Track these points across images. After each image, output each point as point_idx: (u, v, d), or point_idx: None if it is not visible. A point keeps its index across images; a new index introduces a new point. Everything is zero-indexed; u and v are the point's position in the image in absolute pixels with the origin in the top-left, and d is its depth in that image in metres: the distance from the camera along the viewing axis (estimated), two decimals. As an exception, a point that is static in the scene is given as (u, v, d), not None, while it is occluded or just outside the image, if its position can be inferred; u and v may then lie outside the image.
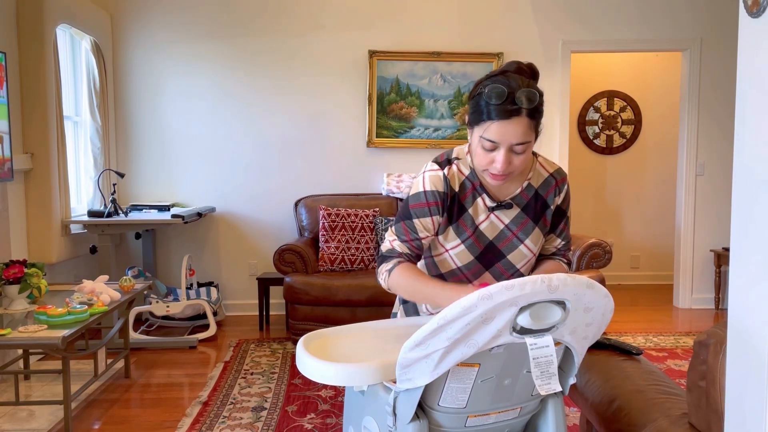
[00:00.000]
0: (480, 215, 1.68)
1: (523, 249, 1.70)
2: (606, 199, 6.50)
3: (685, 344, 4.36)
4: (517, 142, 1.54)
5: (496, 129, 1.53)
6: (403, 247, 1.68)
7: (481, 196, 1.68)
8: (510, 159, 1.56)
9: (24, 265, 3.18)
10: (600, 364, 2.01)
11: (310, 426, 3.03)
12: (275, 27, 5.14)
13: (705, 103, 5.32)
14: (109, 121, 4.94)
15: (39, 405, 3.26)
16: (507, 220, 1.69)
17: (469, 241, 1.68)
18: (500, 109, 1.51)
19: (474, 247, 1.68)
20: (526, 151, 1.57)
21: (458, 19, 5.21)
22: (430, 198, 1.66)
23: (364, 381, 1.41)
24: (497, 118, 1.52)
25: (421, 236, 1.68)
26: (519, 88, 1.52)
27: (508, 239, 1.69)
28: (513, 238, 1.69)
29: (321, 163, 5.22)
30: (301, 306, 4.28)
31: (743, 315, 1.28)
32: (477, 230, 1.68)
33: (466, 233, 1.68)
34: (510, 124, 1.52)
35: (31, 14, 4.02)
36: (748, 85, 1.26)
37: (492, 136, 1.54)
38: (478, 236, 1.68)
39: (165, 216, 4.46)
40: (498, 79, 1.56)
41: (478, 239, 1.68)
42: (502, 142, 1.54)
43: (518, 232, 1.69)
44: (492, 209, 1.68)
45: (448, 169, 1.68)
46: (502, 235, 1.69)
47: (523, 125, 1.52)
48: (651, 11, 5.28)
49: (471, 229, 1.68)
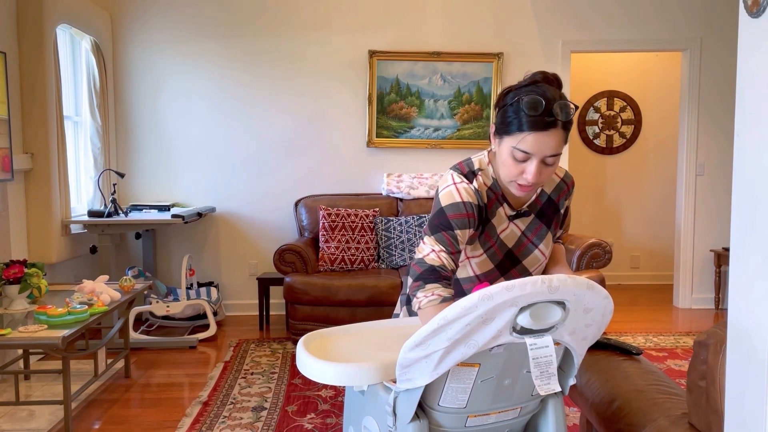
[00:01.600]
0: (501, 224, 1.69)
1: (537, 253, 1.73)
2: (606, 199, 6.50)
3: (685, 344, 4.36)
4: (551, 153, 1.53)
5: (532, 140, 1.51)
6: (450, 261, 1.58)
7: (503, 206, 1.69)
8: (540, 170, 1.55)
9: (24, 265, 3.18)
10: (600, 364, 2.01)
11: (310, 426, 3.03)
12: (275, 27, 5.14)
13: (705, 103, 5.33)
14: (109, 121, 4.94)
15: (39, 405, 3.26)
16: (523, 227, 1.71)
17: (491, 250, 1.68)
18: (537, 120, 1.50)
19: (495, 256, 1.69)
20: (555, 163, 1.56)
21: (458, 19, 5.21)
22: (470, 209, 1.62)
23: (364, 381, 1.41)
24: (534, 130, 1.50)
25: (461, 248, 1.62)
26: (555, 99, 1.51)
27: (524, 245, 1.71)
28: (528, 244, 1.72)
29: (321, 163, 5.22)
30: (301, 306, 4.28)
31: (743, 315, 1.28)
32: (498, 239, 1.69)
33: (489, 243, 1.68)
34: (547, 135, 1.50)
35: (31, 14, 4.02)
36: (748, 85, 1.26)
37: (527, 148, 1.52)
38: (500, 245, 1.69)
39: (165, 216, 4.46)
40: (533, 89, 1.54)
41: (500, 248, 1.69)
42: (536, 154, 1.52)
43: (533, 238, 1.72)
44: (512, 218, 1.69)
45: (477, 182, 1.67)
46: (519, 242, 1.71)
47: (558, 137, 1.52)
48: (651, 11, 5.28)
49: (494, 239, 1.68)
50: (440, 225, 1.61)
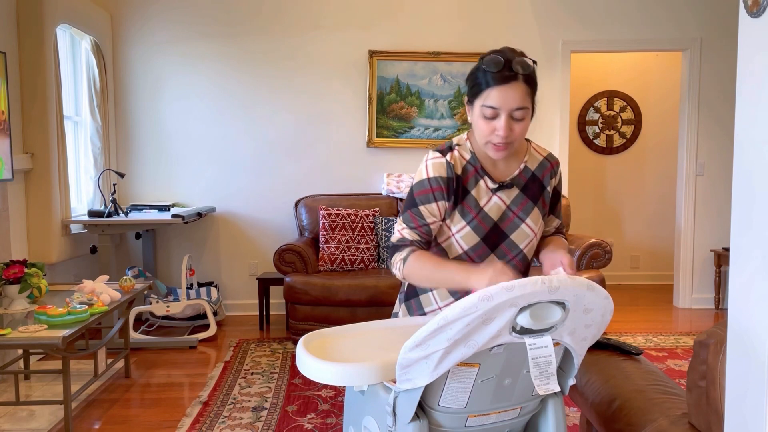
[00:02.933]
0: (483, 197, 1.73)
1: (524, 228, 1.75)
2: (606, 199, 6.50)
3: (685, 344, 4.36)
4: (517, 106, 1.61)
5: (496, 94, 1.60)
6: (413, 234, 1.71)
7: (483, 179, 1.74)
8: (511, 126, 1.62)
9: (24, 265, 3.18)
10: (600, 364, 2.01)
11: (310, 426, 3.04)
12: (275, 27, 5.14)
13: (705, 103, 5.32)
14: (109, 121, 4.94)
15: (39, 405, 3.26)
16: (508, 200, 1.75)
17: (474, 222, 1.72)
18: (498, 75, 1.59)
19: (480, 228, 1.72)
20: (525, 119, 1.64)
21: (458, 19, 5.21)
22: (434, 184, 1.70)
23: (364, 381, 1.41)
24: (496, 84, 1.60)
25: (429, 221, 1.71)
26: (513, 57, 1.61)
27: (510, 219, 1.74)
28: (514, 218, 1.74)
29: (321, 163, 5.22)
30: (301, 306, 4.28)
31: (743, 315, 1.28)
32: (482, 212, 1.72)
33: (470, 215, 1.72)
34: (509, 88, 1.59)
35: (31, 14, 4.02)
36: (748, 85, 1.26)
37: (493, 102, 1.61)
38: (483, 218, 1.72)
39: (165, 216, 4.46)
40: (494, 52, 1.65)
41: (483, 221, 1.72)
42: (502, 107, 1.61)
43: (519, 212, 1.75)
44: (494, 190, 1.73)
45: (451, 155, 1.74)
46: (504, 216, 1.74)
47: (521, 90, 1.60)
48: (651, 11, 5.28)
49: (475, 211, 1.72)
50: (407, 205, 1.74)
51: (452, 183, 1.70)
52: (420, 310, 1.83)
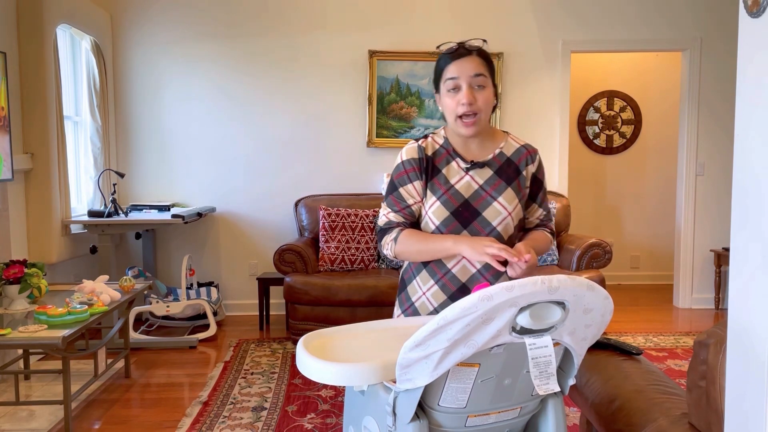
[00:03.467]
0: (454, 176, 1.85)
1: (496, 206, 1.82)
2: (606, 199, 6.50)
3: (685, 344, 4.36)
4: (474, 73, 1.77)
5: (455, 67, 1.78)
6: (398, 216, 1.86)
7: (455, 160, 1.86)
8: (473, 94, 1.77)
9: (24, 265, 3.18)
10: (600, 364, 2.01)
11: (310, 426, 3.04)
12: (275, 27, 5.14)
13: (705, 103, 5.33)
14: (109, 121, 4.94)
15: (39, 405, 3.26)
16: (481, 181, 1.84)
17: (443, 197, 1.82)
18: (455, 53, 1.80)
19: (449, 203, 1.82)
20: (486, 89, 1.79)
21: (458, 19, 5.21)
22: (408, 166, 1.85)
23: (364, 381, 1.41)
24: (453, 60, 1.79)
25: (410, 203, 1.86)
26: (466, 41, 1.84)
27: (482, 198, 1.83)
28: (487, 197, 1.83)
29: (321, 163, 5.22)
30: (301, 306, 4.28)
31: (743, 315, 1.28)
32: (452, 188, 1.83)
33: (440, 191, 1.83)
34: (465, 61, 1.78)
35: (31, 14, 4.02)
36: (748, 85, 1.26)
37: (452, 74, 1.78)
38: (453, 194, 1.82)
39: (165, 216, 4.46)
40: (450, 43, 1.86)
41: (453, 196, 1.82)
42: (461, 76, 1.77)
43: (492, 191, 1.84)
44: (467, 169, 1.85)
45: (424, 141, 1.89)
46: (476, 194, 1.83)
47: (477, 62, 1.78)
48: (651, 11, 5.28)
49: (445, 187, 1.83)
50: (388, 191, 1.90)
51: (423, 162, 1.85)
52: (408, 301, 1.90)
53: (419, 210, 1.86)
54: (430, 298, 1.85)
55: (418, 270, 1.87)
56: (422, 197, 1.85)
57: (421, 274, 1.86)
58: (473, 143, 1.87)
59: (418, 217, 1.88)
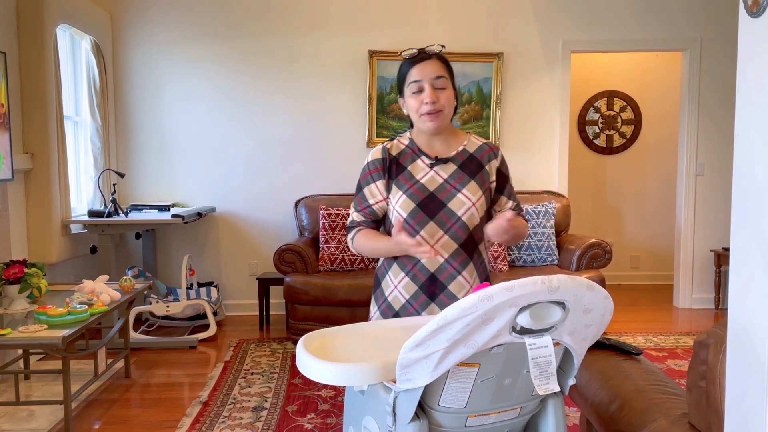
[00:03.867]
0: (420, 172, 1.95)
1: (461, 197, 1.92)
2: (606, 199, 6.50)
3: (685, 344, 4.36)
4: (436, 75, 1.91)
5: (416, 70, 1.92)
6: (359, 216, 2.00)
7: (420, 158, 1.97)
8: (436, 94, 1.90)
9: (24, 265, 3.18)
10: (600, 364, 2.01)
11: (310, 426, 3.04)
12: (275, 27, 5.14)
13: (705, 103, 5.33)
14: (109, 121, 4.94)
15: (39, 405, 3.26)
16: (446, 175, 1.95)
17: (409, 191, 1.93)
18: (416, 58, 1.93)
19: (415, 196, 1.92)
20: (447, 89, 1.93)
21: (458, 19, 5.21)
22: (371, 167, 1.99)
23: (364, 381, 1.41)
24: (414, 64, 1.93)
25: (372, 203, 1.98)
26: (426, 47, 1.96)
27: (447, 190, 1.93)
28: (451, 189, 1.93)
29: (321, 163, 5.22)
30: (301, 306, 4.28)
31: (743, 315, 1.28)
32: (418, 183, 1.94)
33: (406, 185, 1.94)
34: (426, 64, 1.92)
35: (31, 14, 4.02)
36: (748, 85, 1.26)
37: (415, 77, 1.91)
38: (419, 188, 1.93)
39: (165, 216, 4.46)
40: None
41: (419, 190, 1.93)
42: (424, 78, 1.90)
43: (456, 184, 1.94)
44: (432, 165, 1.96)
45: (389, 143, 2.02)
46: (442, 187, 1.93)
47: (437, 65, 1.92)
48: (651, 11, 5.28)
49: (411, 182, 1.94)
50: (355, 192, 2.04)
51: (386, 162, 1.97)
52: (382, 297, 1.99)
53: (382, 209, 1.99)
54: (401, 291, 1.94)
55: (390, 264, 1.97)
56: (385, 196, 1.97)
57: (393, 268, 1.96)
58: (437, 142, 1.98)
59: (383, 216, 2.01)
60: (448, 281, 1.90)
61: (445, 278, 1.90)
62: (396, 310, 1.94)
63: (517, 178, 5.30)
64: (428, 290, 1.91)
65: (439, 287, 1.90)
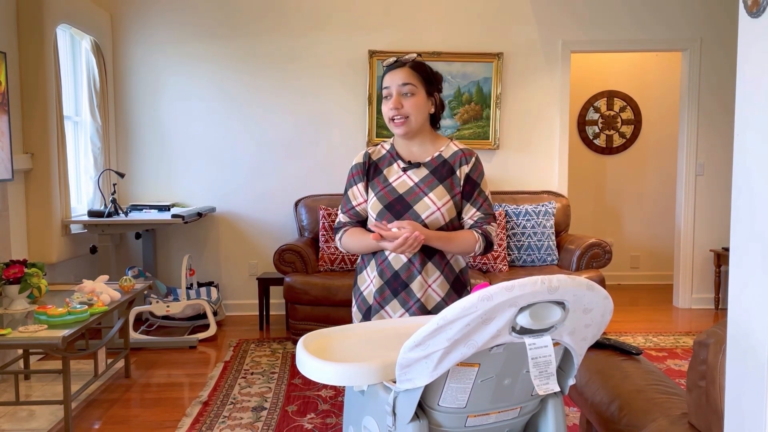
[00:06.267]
0: (393, 175, 2.08)
1: (427, 200, 2.02)
2: (606, 199, 6.50)
3: (685, 344, 4.36)
4: (402, 82, 2.02)
5: (387, 77, 2.05)
6: (345, 217, 2.14)
7: (396, 162, 2.10)
8: (400, 100, 2.02)
9: (24, 265, 3.18)
10: (600, 364, 2.01)
11: (310, 426, 3.04)
12: (276, 27, 5.14)
13: (705, 103, 5.33)
14: (109, 121, 4.94)
15: (39, 405, 3.26)
16: (417, 179, 2.06)
17: (380, 193, 2.05)
18: (390, 66, 2.07)
19: (383, 198, 2.04)
20: (415, 96, 2.02)
21: (458, 19, 5.21)
22: (354, 170, 2.14)
23: (364, 381, 1.41)
24: (387, 71, 2.06)
25: (355, 204, 2.12)
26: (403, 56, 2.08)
27: (415, 193, 2.03)
28: (420, 192, 2.03)
29: (321, 163, 5.22)
30: (301, 306, 4.28)
31: (743, 315, 1.28)
32: (389, 186, 2.06)
33: (378, 187, 2.07)
34: (396, 72, 2.04)
35: (31, 14, 4.02)
36: (748, 84, 1.26)
37: (385, 84, 2.05)
38: (389, 190, 2.05)
39: (165, 216, 4.46)
40: None
41: (389, 192, 2.05)
42: (391, 85, 2.03)
43: (424, 188, 2.04)
44: (404, 169, 2.07)
45: (373, 148, 2.16)
46: (411, 191, 2.04)
47: (406, 72, 2.03)
48: (651, 11, 5.28)
49: (383, 185, 2.07)
50: (343, 194, 2.17)
51: (365, 166, 2.12)
52: (358, 291, 2.13)
53: (364, 210, 2.11)
54: (374, 285, 2.07)
55: (368, 260, 2.09)
56: (366, 197, 2.10)
57: (370, 263, 2.09)
58: (414, 146, 2.10)
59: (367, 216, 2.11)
60: (409, 280, 2.01)
61: (407, 277, 2.01)
62: (369, 304, 2.08)
63: (516, 178, 5.30)
64: (392, 286, 2.03)
65: (401, 285, 2.02)
